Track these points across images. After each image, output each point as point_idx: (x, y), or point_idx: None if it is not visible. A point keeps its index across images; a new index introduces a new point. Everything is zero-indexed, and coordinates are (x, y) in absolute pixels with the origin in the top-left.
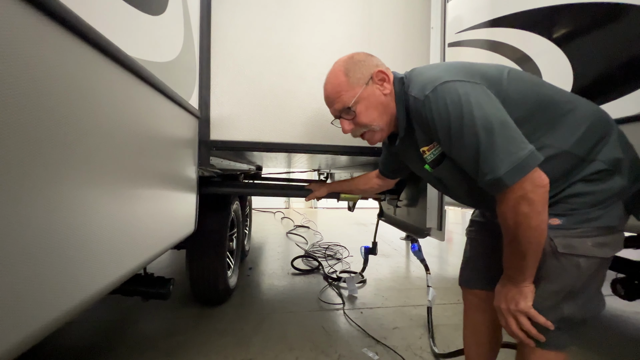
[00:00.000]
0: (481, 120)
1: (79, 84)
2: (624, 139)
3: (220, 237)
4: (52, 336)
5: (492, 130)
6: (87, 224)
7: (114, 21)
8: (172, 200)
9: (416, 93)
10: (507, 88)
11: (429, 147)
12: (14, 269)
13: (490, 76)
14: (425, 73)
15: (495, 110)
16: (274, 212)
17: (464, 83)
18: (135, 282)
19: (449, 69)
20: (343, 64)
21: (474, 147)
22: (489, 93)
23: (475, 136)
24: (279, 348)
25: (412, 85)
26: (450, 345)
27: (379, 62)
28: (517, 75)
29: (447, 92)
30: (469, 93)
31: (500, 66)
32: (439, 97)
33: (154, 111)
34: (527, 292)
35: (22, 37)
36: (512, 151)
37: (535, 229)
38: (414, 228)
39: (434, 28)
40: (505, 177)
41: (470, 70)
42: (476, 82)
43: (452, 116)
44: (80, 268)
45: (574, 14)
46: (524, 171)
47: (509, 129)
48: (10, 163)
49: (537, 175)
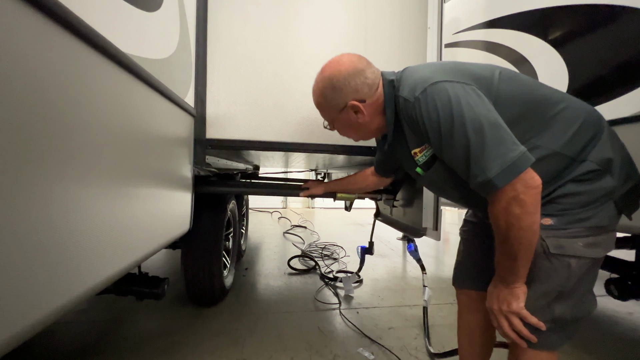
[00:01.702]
0: (471, 121)
1: (71, 81)
2: (615, 139)
3: (216, 237)
4: (46, 336)
5: (482, 131)
6: (77, 221)
7: (107, 17)
8: (167, 199)
9: (406, 94)
10: (498, 88)
11: (420, 149)
12: (3, 265)
13: (482, 76)
14: (415, 74)
15: (485, 111)
16: (271, 212)
17: (454, 84)
18: (129, 282)
19: (439, 69)
20: (322, 85)
21: (464, 148)
22: (480, 94)
23: (465, 137)
24: (274, 348)
25: (402, 86)
26: (446, 345)
27: (360, 83)
28: (508, 75)
29: (437, 93)
30: (459, 94)
31: (491, 66)
32: (429, 98)
33: (148, 109)
34: (519, 293)
35: (12, 32)
36: (502, 152)
37: (527, 230)
38: (410, 228)
39: (430, 28)
40: (496, 179)
41: (461, 71)
42: (467, 83)
43: (442, 117)
44: (71, 266)
45: (569, 16)
46: (514, 173)
47: (500, 130)
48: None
49: (529, 176)
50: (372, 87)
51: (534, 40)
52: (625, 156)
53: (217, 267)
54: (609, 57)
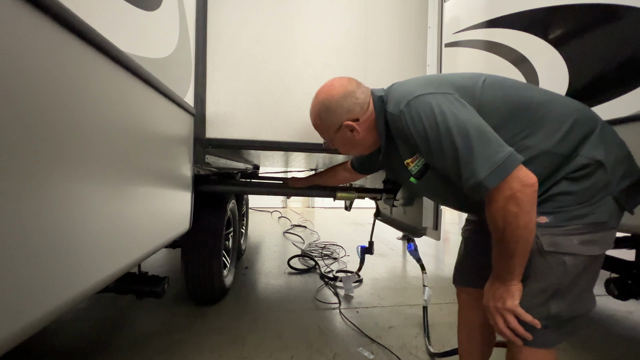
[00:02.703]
0: (456, 127)
1: (71, 81)
2: (611, 136)
3: (216, 236)
4: (47, 335)
5: (467, 135)
6: (77, 220)
7: (107, 17)
8: (166, 198)
9: (392, 109)
10: (481, 96)
11: (412, 159)
12: (3, 264)
13: (463, 85)
14: (400, 88)
15: (469, 116)
16: (271, 212)
17: (434, 95)
18: (129, 281)
19: (421, 83)
20: (318, 109)
21: (452, 154)
22: (462, 101)
23: (452, 143)
24: (274, 347)
25: (389, 101)
26: (446, 344)
27: (351, 104)
28: (493, 82)
29: (420, 105)
30: (441, 103)
31: (475, 75)
32: (412, 111)
33: (148, 108)
34: (515, 291)
35: (12, 32)
36: (490, 154)
37: (524, 229)
38: (409, 227)
39: (430, 27)
40: (486, 180)
41: (443, 82)
42: (448, 92)
43: (428, 128)
44: (70, 264)
45: (569, 15)
46: (504, 173)
47: (485, 133)
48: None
49: (523, 173)
50: (363, 105)
51: (534, 39)
52: (623, 152)
53: (217, 266)
54: (610, 57)
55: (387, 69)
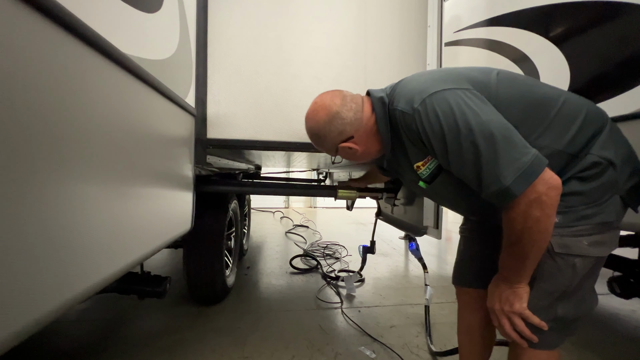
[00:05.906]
0: (479, 128)
1: (73, 83)
2: (618, 134)
3: (217, 236)
4: (48, 334)
5: (492, 137)
6: (79, 220)
7: (108, 19)
8: (168, 199)
9: (403, 107)
10: (497, 91)
11: (423, 162)
12: (4, 263)
13: (478, 80)
14: (410, 84)
15: (491, 115)
16: (273, 212)
17: (453, 91)
18: (131, 280)
19: (434, 78)
20: (310, 135)
21: (474, 157)
22: (482, 97)
23: (474, 146)
24: (275, 346)
25: (397, 99)
26: (447, 343)
27: (339, 125)
28: (506, 77)
29: (438, 104)
30: (460, 101)
31: (487, 69)
32: (429, 109)
33: (149, 109)
34: (522, 293)
35: (13, 34)
36: (516, 157)
37: (543, 232)
38: (411, 226)
39: (430, 26)
40: (513, 186)
41: (457, 76)
42: (466, 88)
43: (446, 127)
44: (72, 264)
45: (571, 13)
46: (531, 178)
47: (510, 133)
48: (2, 161)
49: (548, 176)
50: (353, 122)
51: (535, 37)
52: (629, 151)
53: (219, 266)
54: (611, 54)
55: (387, 68)
